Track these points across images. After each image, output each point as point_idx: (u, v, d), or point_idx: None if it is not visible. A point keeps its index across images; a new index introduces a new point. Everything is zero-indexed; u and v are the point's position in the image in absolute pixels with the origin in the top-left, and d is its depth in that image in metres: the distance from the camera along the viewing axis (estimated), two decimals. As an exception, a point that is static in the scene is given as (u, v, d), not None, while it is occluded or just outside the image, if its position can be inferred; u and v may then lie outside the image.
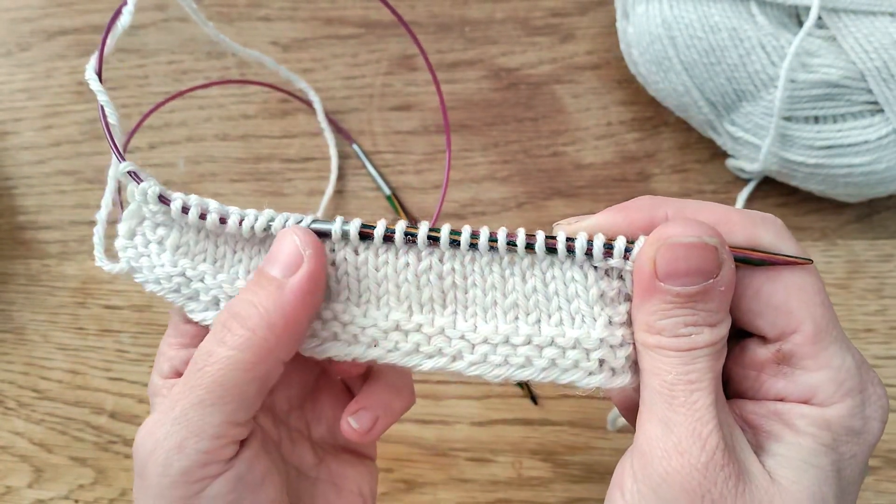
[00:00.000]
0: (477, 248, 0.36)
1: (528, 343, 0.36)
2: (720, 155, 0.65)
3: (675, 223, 0.33)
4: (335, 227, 0.36)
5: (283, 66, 0.64)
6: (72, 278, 0.67)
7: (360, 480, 0.44)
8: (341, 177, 0.67)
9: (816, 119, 0.58)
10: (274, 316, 0.34)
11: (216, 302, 0.38)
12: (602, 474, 0.61)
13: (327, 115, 0.68)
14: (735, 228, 0.34)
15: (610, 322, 0.35)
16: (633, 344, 0.35)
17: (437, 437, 0.62)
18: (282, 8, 0.71)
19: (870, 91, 0.57)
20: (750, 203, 0.64)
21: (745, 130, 0.60)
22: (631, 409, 0.40)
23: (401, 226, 0.36)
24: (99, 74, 0.41)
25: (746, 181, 0.65)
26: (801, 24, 0.59)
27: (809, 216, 0.65)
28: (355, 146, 0.67)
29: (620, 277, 0.35)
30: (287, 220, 0.37)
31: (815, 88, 0.57)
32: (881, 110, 0.57)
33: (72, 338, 0.66)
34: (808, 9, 0.58)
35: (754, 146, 0.60)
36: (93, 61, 0.40)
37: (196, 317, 0.38)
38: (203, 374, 0.34)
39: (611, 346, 0.35)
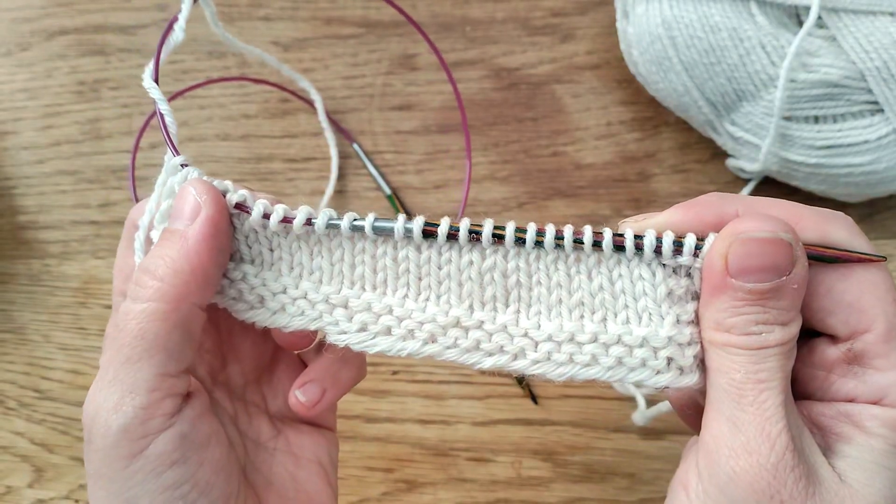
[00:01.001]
0: (542, 246, 0.35)
1: (595, 341, 0.35)
2: (720, 155, 0.65)
3: (749, 218, 0.33)
4: (397, 227, 0.37)
5: (285, 66, 0.64)
6: (73, 278, 0.67)
7: (319, 450, 0.44)
8: (342, 176, 0.67)
9: (816, 119, 0.58)
10: (179, 262, 0.35)
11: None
12: (602, 474, 0.61)
13: (328, 114, 0.68)
14: (806, 225, 0.34)
15: (678, 320, 0.35)
16: (701, 343, 0.34)
17: (438, 437, 0.62)
18: (282, 8, 0.71)
19: (870, 91, 0.57)
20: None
21: (746, 130, 0.60)
22: (689, 408, 0.40)
23: (465, 224, 0.36)
24: (156, 80, 0.43)
25: (746, 181, 0.65)
26: (801, 23, 0.59)
27: (809, 216, 0.65)
28: (355, 146, 0.67)
29: (689, 275, 0.35)
30: (352, 220, 0.38)
31: (815, 88, 0.57)
32: (881, 110, 0.57)
33: (73, 338, 0.66)
34: (808, 9, 0.58)
35: (754, 146, 0.60)
36: (149, 70, 0.43)
37: (292, 325, 0.38)
38: (125, 332, 0.35)
39: (679, 345, 0.35)
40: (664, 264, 0.35)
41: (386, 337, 0.37)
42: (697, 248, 0.34)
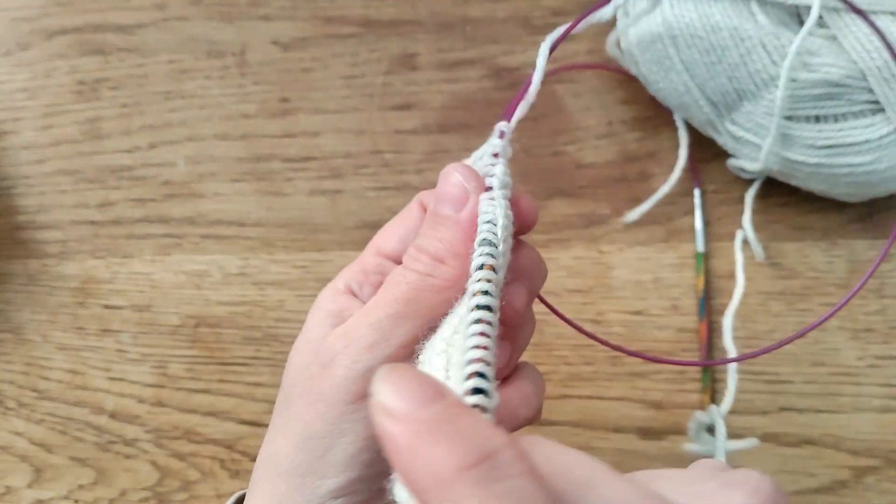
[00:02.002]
0: None
1: None
2: (721, 155, 0.65)
3: None
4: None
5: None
6: (71, 278, 0.67)
7: None
8: (341, 176, 0.67)
9: (817, 118, 0.58)
10: (458, 247, 0.37)
11: None
12: (603, 474, 0.60)
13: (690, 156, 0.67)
14: None
15: None
16: None
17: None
18: (282, 7, 0.70)
19: (871, 90, 0.57)
20: (753, 203, 0.64)
21: (746, 130, 0.60)
22: None
23: None
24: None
25: (746, 181, 0.65)
26: (802, 23, 0.59)
27: (810, 216, 0.65)
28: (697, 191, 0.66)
29: None
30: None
31: (816, 88, 0.57)
32: (882, 109, 0.57)
33: (72, 338, 0.66)
34: (809, 8, 0.58)
35: (755, 146, 0.60)
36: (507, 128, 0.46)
37: None
38: (399, 289, 0.37)
39: None
40: None
41: None
42: None
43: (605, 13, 0.47)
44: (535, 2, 0.70)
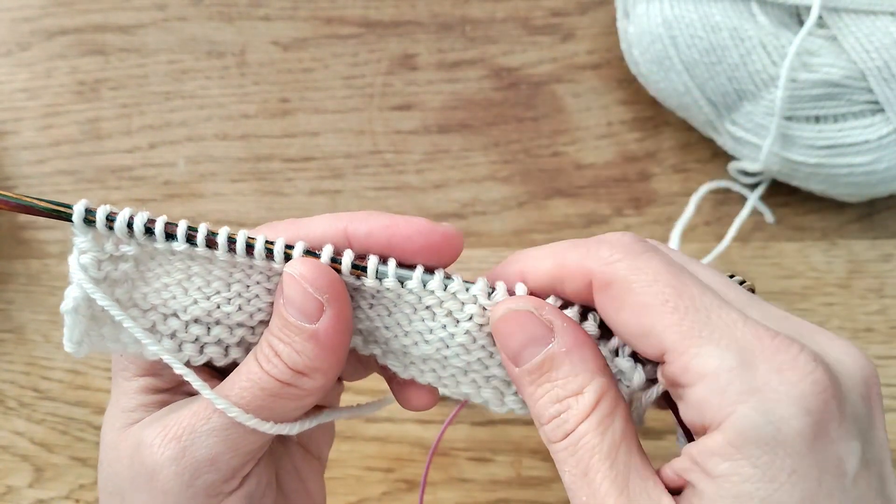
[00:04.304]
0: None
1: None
2: (721, 155, 0.65)
3: (496, 306, 0.33)
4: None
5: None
6: (72, 278, 0.67)
7: (322, 444, 0.44)
8: (341, 176, 0.67)
9: (817, 119, 0.58)
10: (319, 361, 0.34)
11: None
12: (603, 474, 0.60)
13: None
14: (570, 261, 0.33)
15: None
16: None
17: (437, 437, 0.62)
18: (282, 7, 0.70)
19: (870, 91, 0.57)
20: (757, 204, 0.64)
21: (746, 130, 0.60)
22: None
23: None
24: None
25: (747, 185, 0.65)
26: (801, 23, 0.59)
27: (810, 216, 0.65)
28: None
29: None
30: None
31: (815, 88, 0.57)
32: (882, 110, 0.57)
33: (72, 338, 0.66)
34: (808, 8, 0.58)
35: (755, 146, 0.60)
36: None
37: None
38: (251, 392, 0.33)
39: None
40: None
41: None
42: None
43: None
44: (535, 2, 0.70)
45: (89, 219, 0.34)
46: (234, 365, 0.37)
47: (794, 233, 0.65)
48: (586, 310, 0.34)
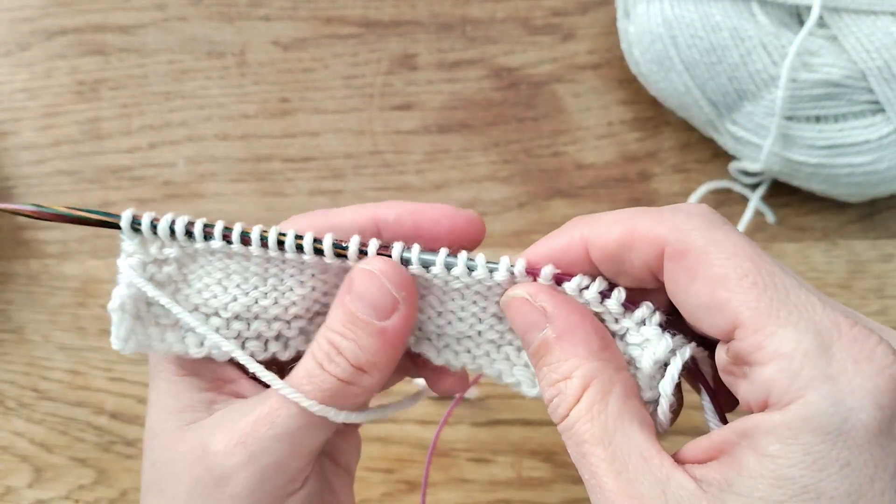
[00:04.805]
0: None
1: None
2: (721, 155, 0.65)
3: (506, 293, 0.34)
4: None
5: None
6: (72, 278, 0.67)
7: (350, 456, 0.44)
8: (341, 176, 0.67)
9: (818, 119, 0.58)
10: (381, 357, 0.35)
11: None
12: (603, 474, 0.60)
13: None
14: (641, 229, 0.32)
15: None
16: None
17: (440, 439, 0.61)
18: (282, 7, 0.70)
19: (871, 90, 0.57)
20: (758, 205, 0.64)
21: (747, 130, 0.60)
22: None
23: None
24: None
25: (749, 185, 0.65)
26: (802, 23, 0.59)
27: (811, 216, 0.65)
28: None
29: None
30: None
31: (816, 88, 0.57)
32: (882, 110, 0.57)
33: (72, 338, 0.66)
34: (809, 8, 0.58)
35: (756, 146, 0.60)
36: None
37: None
38: (314, 396, 0.34)
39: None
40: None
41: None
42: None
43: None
44: (535, 2, 0.70)
45: (135, 227, 0.37)
46: (272, 360, 0.38)
47: (795, 233, 0.64)
48: (610, 287, 0.35)
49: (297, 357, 0.37)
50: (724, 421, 0.34)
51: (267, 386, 0.36)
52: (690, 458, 0.30)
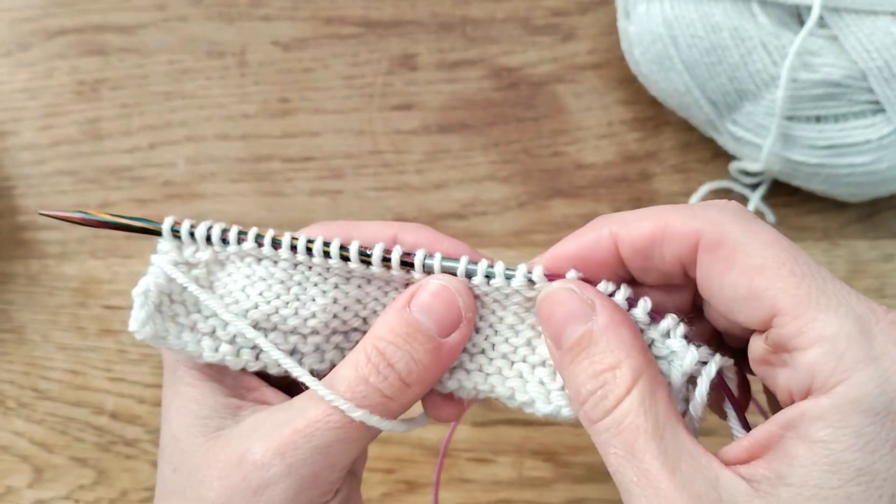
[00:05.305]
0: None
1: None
2: (722, 154, 0.65)
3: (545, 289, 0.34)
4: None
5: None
6: (72, 278, 0.67)
7: (356, 460, 0.44)
8: (341, 176, 0.67)
9: (818, 118, 0.58)
10: (430, 374, 0.35)
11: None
12: (604, 474, 0.60)
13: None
14: (674, 226, 0.32)
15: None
16: None
17: (438, 438, 0.61)
18: (282, 8, 0.70)
19: (871, 90, 0.57)
20: (758, 205, 0.64)
21: (747, 130, 0.60)
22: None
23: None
24: None
25: (748, 185, 0.65)
26: (802, 23, 0.59)
27: (811, 216, 0.65)
28: None
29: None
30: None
31: (816, 88, 0.57)
32: (883, 110, 0.57)
33: (72, 338, 0.66)
34: (809, 8, 0.58)
35: (756, 146, 0.60)
36: None
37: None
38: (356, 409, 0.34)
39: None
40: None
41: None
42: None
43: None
44: (535, 2, 0.70)
45: (175, 233, 0.38)
46: (285, 375, 0.38)
47: (795, 233, 0.64)
48: (634, 299, 0.35)
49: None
50: (748, 429, 0.34)
51: (290, 395, 0.37)
52: (732, 460, 0.30)
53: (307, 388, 0.36)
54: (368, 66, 0.69)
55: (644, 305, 0.34)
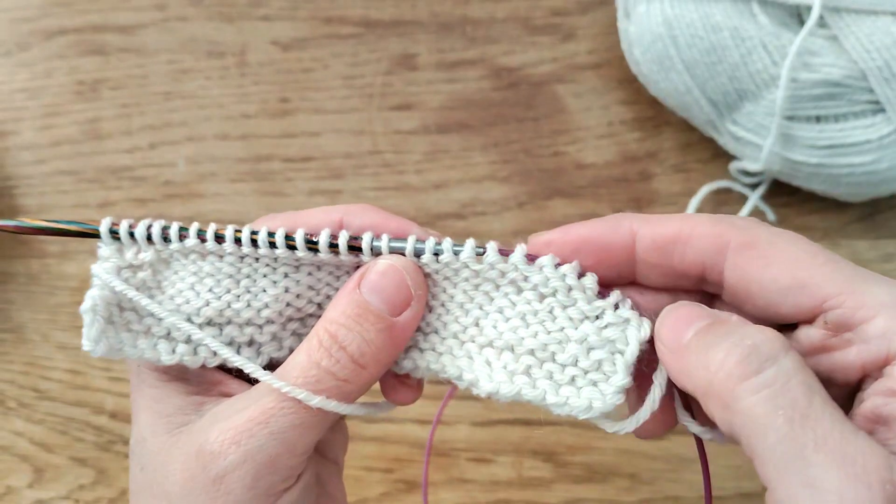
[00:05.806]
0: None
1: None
2: (722, 154, 0.65)
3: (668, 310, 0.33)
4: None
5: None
6: (72, 277, 0.67)
7: (337, 448, 0.44)
8: (341, 176, 0.67)
9: (818, 118, 0.58)
10: (385, 355, 0.35)
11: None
12: (603, 474, 0.60)
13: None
14: (701, 234, 0.33)
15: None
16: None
17: (437, 438, 0.61)
18: (282, 7, 0.70)
19: (871, 90, 0.57)
20: (757, 204, 0.64)
21: (747, 130, 0.60)
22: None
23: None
24: None
25: (749, 185, 0.65)
26: (802, 23, 0.59)
27: (812, 216, 0.65)
28: None
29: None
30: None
31: (816, 88, 0.57)
32: (883, 109, 0.57)
33: (72, 337, 0.66)
34: (809, 8, 0.58)
35: (756, 146, 0.60)
36: None
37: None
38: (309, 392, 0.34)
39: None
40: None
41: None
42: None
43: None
44: (535, 2, 0.70)
45: (114, 234, 0.37)
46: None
47: (796, 233, 0.64)
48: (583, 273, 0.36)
49: (271, 364, 0.38)
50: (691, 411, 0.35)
51: (252, 384, 0.36)
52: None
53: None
54: (368, 66, 0.69)
55: (594, 277, 0.35)
